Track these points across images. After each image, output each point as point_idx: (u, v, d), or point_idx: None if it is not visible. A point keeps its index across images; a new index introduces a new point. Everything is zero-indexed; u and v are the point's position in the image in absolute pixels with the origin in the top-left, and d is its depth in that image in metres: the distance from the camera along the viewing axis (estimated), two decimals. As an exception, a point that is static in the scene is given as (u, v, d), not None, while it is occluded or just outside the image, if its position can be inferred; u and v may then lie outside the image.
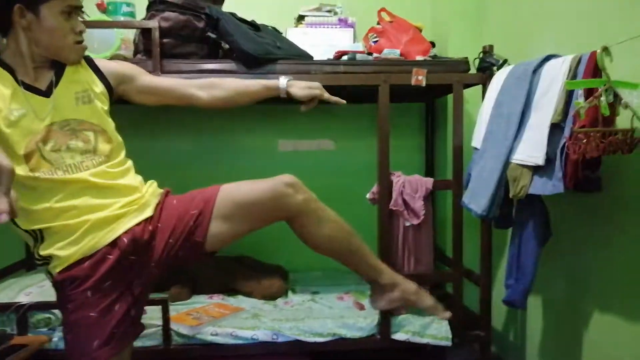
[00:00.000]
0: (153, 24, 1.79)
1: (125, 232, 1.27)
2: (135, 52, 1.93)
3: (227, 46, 1.88)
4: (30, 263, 2.41)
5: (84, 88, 1.32)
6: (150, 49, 1.79)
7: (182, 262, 1.41)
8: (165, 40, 1.81)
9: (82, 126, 1.29)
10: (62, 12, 1.23)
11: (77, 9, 1.28)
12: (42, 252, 1.24)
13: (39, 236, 1.24)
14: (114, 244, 1.25)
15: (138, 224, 1.29)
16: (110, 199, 1.28)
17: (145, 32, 1.84)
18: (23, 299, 1.84)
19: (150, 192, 1.37)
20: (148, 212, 1.32)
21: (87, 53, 1.88)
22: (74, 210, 1.23)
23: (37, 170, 1.21)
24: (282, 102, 2.45)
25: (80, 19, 1.30)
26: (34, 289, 1.93)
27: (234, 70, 1.83)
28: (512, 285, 1.67)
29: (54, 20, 1.22)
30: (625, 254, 1.43)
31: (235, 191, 1.36)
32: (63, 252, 1.22)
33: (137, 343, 1.81)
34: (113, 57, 1.92)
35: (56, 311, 1.84)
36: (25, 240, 1.28)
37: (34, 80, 1.25)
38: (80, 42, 1.30)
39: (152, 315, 1.79)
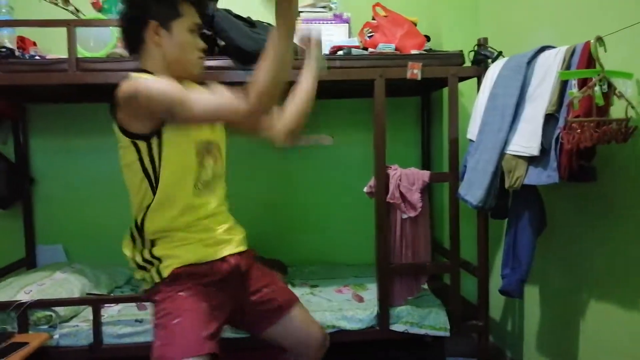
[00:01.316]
0: (149, 21, 1.79)
1: (231, 255, 1.41)
2: (131, 50, 1.93)
3: (222, 43, 1.88)
4: (31, 261, 2.42)
5: None
6: (146, 46, 1.79)
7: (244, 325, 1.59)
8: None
9: (214, 147, 1.42)
10: (190, 29, 1.32)
11: (200, 28, 1.38)
12: (157, 253, 1.33)
13: (148, 240, 1.34)
14: (223, 260, 1.39)
15: (240, 254, 1.45)
16: (222, 223, 1.43)
17: (141, 30, 1.83)
18: (23, 297, 1.84)
19: (242, 229, 1.53)
20: (245, 247, 1.48)
21: (82, 52, 1.91)
22: (199, 226, 1.36)
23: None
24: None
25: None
26: (34, 287, 1.94)
27: (230, 66, 1.84)
28: (508, 275, 1.68)
29: (184, 36, 1.31)
30: (620, 243, 1.44)
31: (303, 316, 1.57)
32: (183, 253, 1.33)
33: (139, 338, 1.83)
34: (109, 56, 1.93)
35: (57, 309, 1.85)
36: (126, 243, 1.39)
37: None
38: (202, 58, 1.39)
39: (150, 310, 1.80)
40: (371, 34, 2.11)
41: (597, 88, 1.29)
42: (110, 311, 1.97)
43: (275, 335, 1.52)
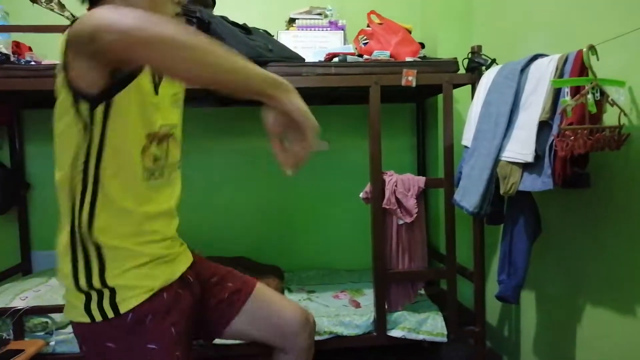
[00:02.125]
0: (145, 28, 1.79)
1: (189, 268, 1.18)
2: (127, 56, 1.93)
3: (219, 49, 1.89)
4: (26, 267, 2.41)
5: (177, 89, 1.15)
6: (143, 53, 1.79)
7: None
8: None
9: (174, 133, 1.13)
10: None
11: None
12: (111, 282, 0.99)
13: (94, 258, 0.99)
14: (182, 278, 1.13)
15: (190, 265, 1.20)
16: (174, 227, 1.16)
17: (136, 36, 1.83)
18: (19, 303, 1.83)
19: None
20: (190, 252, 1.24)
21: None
22: (156, 234, 1.07)
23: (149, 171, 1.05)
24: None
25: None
26: (30, 294, 1.93)
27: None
28: (505, 281, 1.69)
29: None
30: (615, 248, 1.45)
31: (270, 295, 1.31)
32: (143, 281, 1.02)
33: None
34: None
35: (53, 315, 1.84)
36: (61, 262, 1.03)
37: None
38: (179, 14, 1.08)
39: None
40: (366, 41, 2.13)
41: (589, 96, 1.30)
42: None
43: (242, 327, 1.25)
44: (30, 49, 2.11)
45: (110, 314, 0.99)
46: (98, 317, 0.99)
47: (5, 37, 1.97)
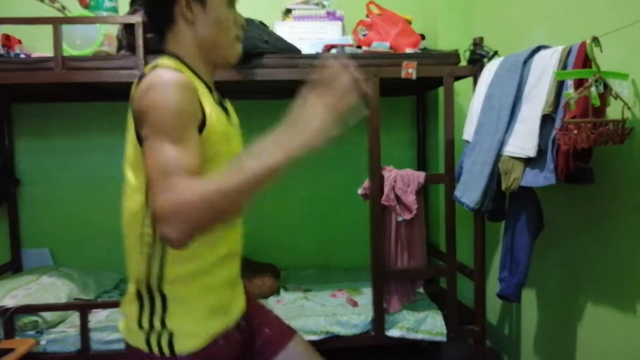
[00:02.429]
0: (136, 19, 1.75)
1: (242, 314, 1.11)
2: (119, 48, 1.90)
3: (213, 41, 1.85)
4: (16, 265, 2.38)
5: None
6: (134, 44, 1.75)
7: None
8: (149, 35, 1.77)
9: None
10: (228, 1, 1.03)
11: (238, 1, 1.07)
12: (170, 324, 0.95)
13: (159, 304, 0.96)
14: (237, 323, 1.07)
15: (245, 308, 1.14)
16: (238, 266, 1.10)
17: (128, 28, 1.80)
18: (9, 302, 1.81)
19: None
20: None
21: (68, 50, 1.86)
22: (223, 277, 1.03)
23: None
24: (270, 97, 2.44)
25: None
26: (20, 292, 1.90)
27: (221, 65, 1.80)
28: (506, 279, 1.66)
29: (221, 10, 1.00)
30: (618, 245, 1.42)
31: (303, 353, 1.21)
32: (202, 328, 0.98)
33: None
34: (96, 54, 1.89)
35: (43, 314, 1.81)
36: (127, 303, 0.99)
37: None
38: (240, 39, 1.07)
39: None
40: (365, 33, 2.08)
41: (593, 89, 1.27)
42: (98, 316, 1.94)
43: None
44: (20, 41, 2.08)
45: (167, 352, 0.95)
46: (156, 351, 0.95)
47: (-6, 29, 1.93)
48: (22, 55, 1.89)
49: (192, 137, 0.87)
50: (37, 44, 2.09)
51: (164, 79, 0.87)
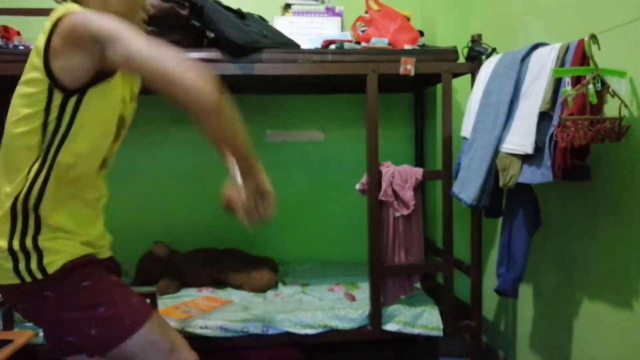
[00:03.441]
0: (134, 11, 1.75)
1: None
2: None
3: (212, 35, 1.85)
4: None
5: (133, 85, 1.26)
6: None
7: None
8: (148, 28, 1.77)
9: (126, 126, 1.26)
10: None
11: None
12: (42, 243, 1.11)
13: (34, 221, 1.11)
14: (102, 262, 1.27)
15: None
16: (102, 221, 1.30)
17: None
18: (8, 294, 1.81)
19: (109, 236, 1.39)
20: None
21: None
22: (90, 219, 1.24)
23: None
24: (269, 92, 2.44)
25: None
26: (19, 285, 1.90)
27: (220, 59, 1.80)
28: (504, 274, 1.67)
29: None
30: (614, 242, 1.43)
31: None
32: (69, 248, 1.15)
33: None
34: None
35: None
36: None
37: None
38: (145, 22, 1.23)
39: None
40: (364, 28, 2.08)
41: (590, 86, 1.28)
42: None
43: None
44: (18, 33, 2.07)
45: (38, 276, 1.10)
46: (27, 279, 1.10)
47: (-7, 20, 1.92)
48: (21, 47, 1.88)
49: None
50: (36, 35, 2.08)
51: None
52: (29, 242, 1.10)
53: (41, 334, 1.78)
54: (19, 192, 1.09)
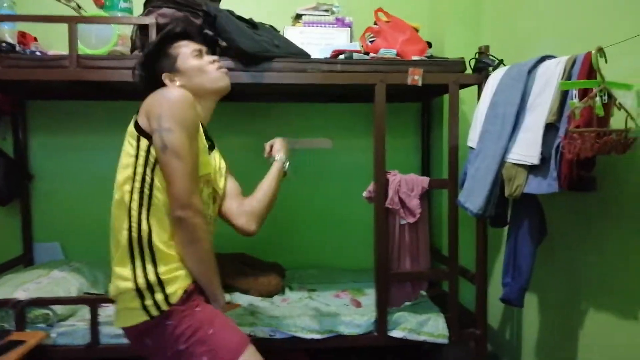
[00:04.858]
0: (150, 20, 1.79)
1: None
2: (133, 49, 1.93)
3: (224, 43, 1.88)
4: (28, 259, 2.42)
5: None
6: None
7: None
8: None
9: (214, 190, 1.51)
10: (193, 56, 1.43)
11: (202, 52, 1.47)
12: (164, 276, 1.26)
13: (150, 257, 1.27)
14: None
15: None
16: None
17: (142, 29, 1.83)
18: (21, 295, 1.83)
19: None
20: None
21: (83, 49, 1.90)
22: None
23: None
24: (279, 100, 2.47)
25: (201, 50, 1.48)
26: (32, 285, 1.93)
27: (231, 67, 1.83)
28: (509, 284, 1.68)
29: (191, 64, 1.42)
30: (620, 253, 1.44)
31: None
32: (185, 272, 1.31)
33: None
34: (110, 53, 1.93)
35: (54, 307, 1.84)
36: (121, 259, 1.29)
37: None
38: (221, 68, 1.47)
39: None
40: (373, 39, 2.11)
41: (597, 99, 1.29)
42: (107, 311, 1.96)
43: None
44: (35, 39, 2.11)
45: (164, 307, 1.24)
46: (154, 313, 1.24)
47: (11, 26, 1.96)
48: (38, 53, 1.91)
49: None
50: (52, 42, 2.13)
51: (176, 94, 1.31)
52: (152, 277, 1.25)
53: (52, 335, 1.81)
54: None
